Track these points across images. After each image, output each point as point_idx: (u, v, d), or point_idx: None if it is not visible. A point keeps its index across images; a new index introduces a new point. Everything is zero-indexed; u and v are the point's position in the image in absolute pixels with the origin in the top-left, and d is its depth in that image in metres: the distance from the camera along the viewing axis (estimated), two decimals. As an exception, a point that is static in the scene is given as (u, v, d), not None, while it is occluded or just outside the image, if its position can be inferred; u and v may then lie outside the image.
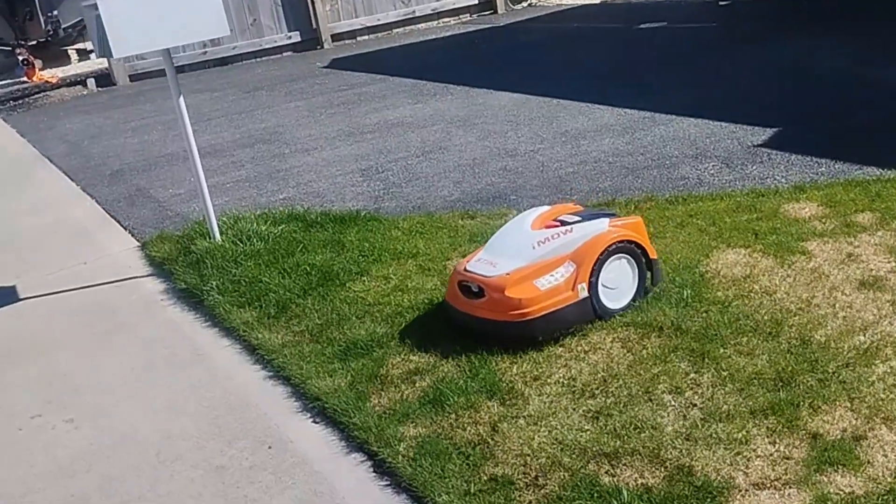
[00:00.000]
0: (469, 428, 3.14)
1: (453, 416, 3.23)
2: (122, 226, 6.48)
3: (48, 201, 7.55)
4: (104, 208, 6.98)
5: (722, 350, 3.36)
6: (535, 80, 9.51)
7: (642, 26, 12.04)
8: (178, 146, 8.83)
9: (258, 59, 14.78)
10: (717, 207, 4.83)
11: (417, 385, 3.50)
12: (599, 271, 3.66)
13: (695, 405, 3.08)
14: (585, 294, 3.63)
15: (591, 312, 3.67)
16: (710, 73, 8.57)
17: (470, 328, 3.75)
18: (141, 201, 7.00)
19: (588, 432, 3.01)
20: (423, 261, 4.74)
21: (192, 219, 6.27)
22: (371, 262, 4.80)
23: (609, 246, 3.69)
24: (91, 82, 13.81)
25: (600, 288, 3.68)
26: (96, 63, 16.50)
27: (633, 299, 3.79)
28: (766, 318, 3.54)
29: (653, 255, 3.85)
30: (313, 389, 3.60)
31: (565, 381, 3.33)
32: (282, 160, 7.70)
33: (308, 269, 4.75)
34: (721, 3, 12.75)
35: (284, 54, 15.62)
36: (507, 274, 3.64)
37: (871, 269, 3.86)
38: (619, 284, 3.76)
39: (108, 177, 7.94)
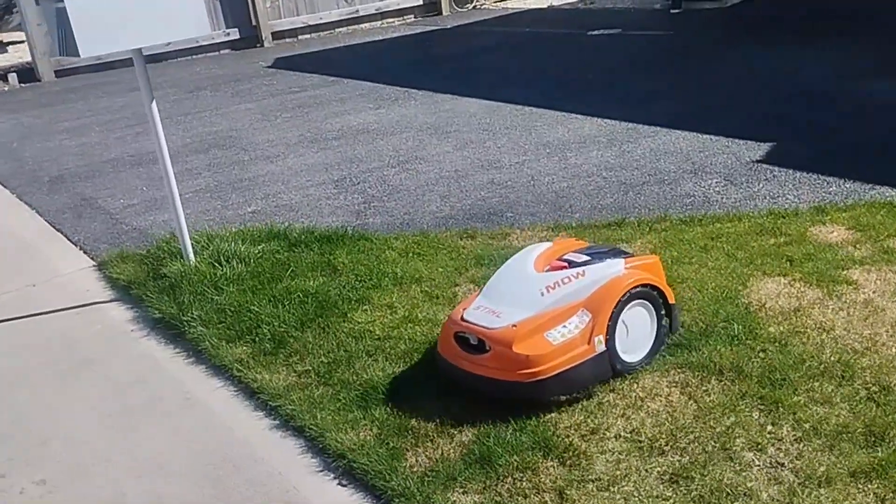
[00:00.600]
0: (532, 496, 2.76)
1: (509, 479, 2.83)
2: (70, 241, 5.85)
3: (-20, 211, 6.83)
4: (47, 220, 6.32)
5: (794, 397, 3.06)
6: (501, 85, 9.17)
7: (595, 32, 11.86)
8: (122, 150, 8.18)
9: (194, 57, 14.06)
10: (737, 230, 4.56)
11: (457, 439, 3.09)
12: (617, 321, 3.25)
13: (782, 465, 2.77)
14: (603, 347, 3.20)
15: (608, 369, 3.25)
16: (685, 84, 8.39)
17: (468, 387, 3.28)
18: (89, 213, 6.36)
19: (671, 501, 2.66)
20: (429, 287, 4.33)
21: (152, 234, 5.70)
22: (370, 288, 4.36)
23: (627, 291, 3.27)
24: (12, 77, 12.87)
25: (618, 339, 3.26)
26: (15, 56, 15.46)
27: (652, 351, 3.39)
28: (832, 359, 3.26)
29: (671, 299, 3.43)
30: (335, 444, 3.14)
31: (628, 436, 2.98)
32: (243, 168, 7.16)
33: (302, 296, 4.28)
34: (673, 10, 12.67)
35: (222, 52, 14.93)
36: (514, 325, 3.18)
37: (923, 302, 3.64)
38: (637, 335, 3.34)
39: (46, 184, 7.25)
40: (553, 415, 3.13)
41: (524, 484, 2.81)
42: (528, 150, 6.68)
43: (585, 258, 3.46)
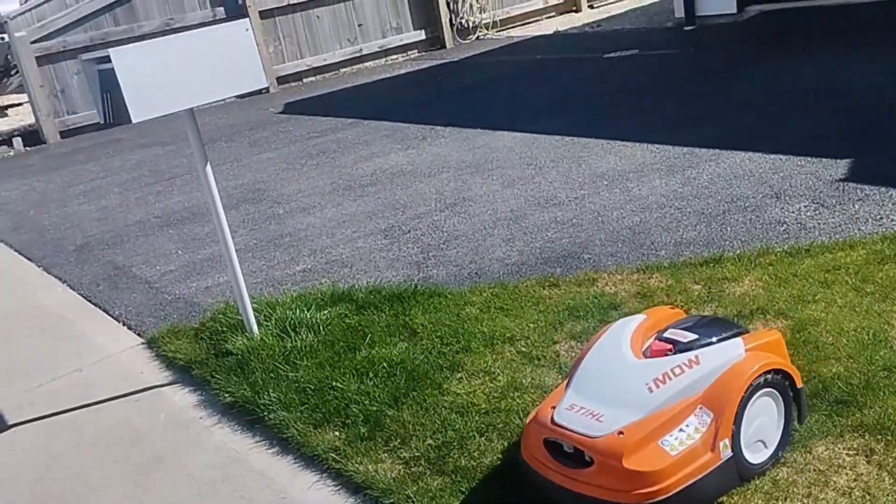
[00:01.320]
0: None
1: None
2: (110, 315, 5.43)
3: (5, 286, 6.42)
4: (81, 293, 5.90)
5: None
6: (530, 116, 8.83)
7: (612, 55, 11.56)
8: (146, 212, 7.79)
9: (200, 107, 13.73)
10: (855, 259, 4.17)
11: (618, 536, 2.66)
12: (742, 418, 2.73)
13: None
14: (729, 453, 2.70)
15: (735, 478, 2.74)
16: (723, 102, 8.05)
17: None
18: (125, 282, 5.95)
19: None
20: (525, 346, 3.92)
21: (199, 304, 5.29)
22: (459, 352, 3.95)
23: (753, 382, 2.75)
24: (17, 141, 12.49)
25: (743, 441, 2.76)
26: (16, 119, 15.14)
27: (778, 448, 2.87)
28: None
29: (799, 383, 2.91)
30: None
31: (824, 521, 2.56)
32: (279, 223, 6.77)
33: (387, 367, 3.86)
34: (686, 27, 12.41)
35: (228, 100, 14.62)
36: (621, 433, 2.65)
37: None
38: (763, 431, 2.83)
39: (72, 253, 6.84)
40: (723, 499, 2.70)
41: (720, 591, 2.38)
42: (585, 184, 6.31)
43: (692, 336, 2.92)
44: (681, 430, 2.67)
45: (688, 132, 7.07)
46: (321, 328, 4.33)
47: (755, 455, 2.80)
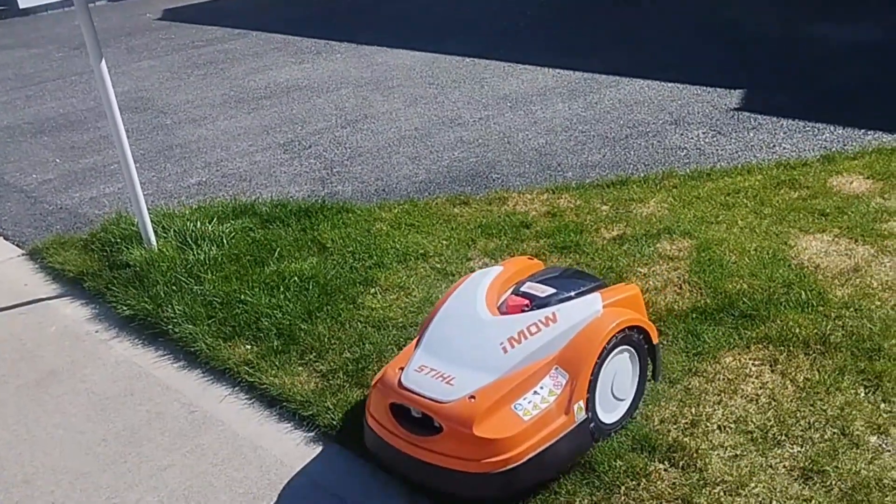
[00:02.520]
0: (658, 508, 2.42)
1: (621, 490, 2.48)
2: (-15, 226, 5.04)
3: None
4: (-52, 202, 5.44)
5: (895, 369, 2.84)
6: (431, 36, 8.67)
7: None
8: (15, 117, 7.23)
9: (66, 10, 12.76)
10: (753, 184, 4.34)
11: (542, 442, 2.70)
12: (598, 378, 2.56)
13: (916, 447, 2.54)
14: (584, 415, 2.51)
15: (589, 441, 2.56)
16: (626, 33, 8.14)
17: (412, 476, 2.54)
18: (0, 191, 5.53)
19: (813, 502, 2.38)
20: (439, 263, 3.90)
21: (85, 215, 4.99)
22: (373, 268, 3.88)
23: (610, 340, 2.57)
24: None
25: (599, 401, 2.58)
26: None
27: (632, 408, 2.72)
28: (916, 323, 3.06)
29: (656, 339, 2.75)
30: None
31: (734, 426, 2.68)
32: (168, 133, 6.42)
33: (298, 281, 3.76)
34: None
35: (98, 3, 13.69)
36: (472, 397, 2.41)
37: (969, 254, 3.51)
38: (617, 389, 2.66)
39: (-65, 159, 6.28)
40: (640, 408, 2.79)
41: (642, 494, 2.47)
42: (489, 105, 6.27)
43: (549, 290, 2.73)
44: (535, 392, 2.46)
45: (588, 59, 7.12)
46: (224, 241, 4.16)
47: (609, 415, 2.64)
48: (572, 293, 2.73)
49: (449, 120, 6.02)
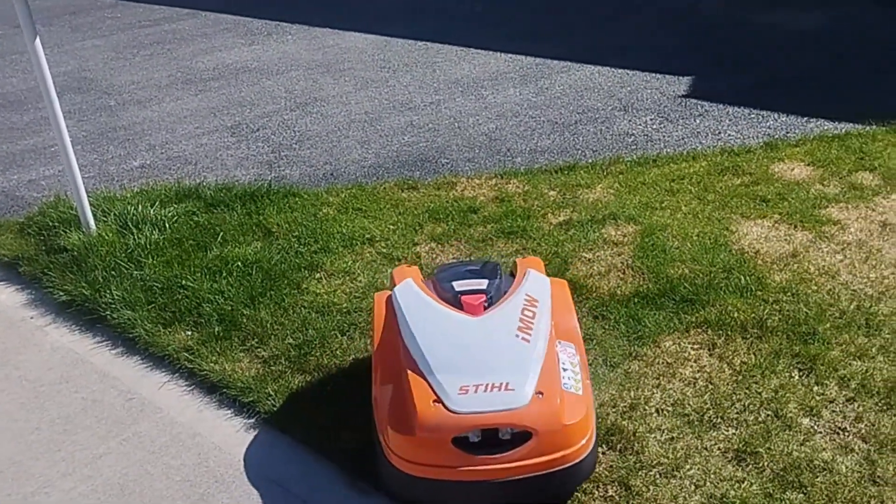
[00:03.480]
0: (595, 491, 2.44)
1: (561, 471, 2.50)
2: (-85, 209, 4.88)
3: None
4: None
5: (829, 353, 2.90)
6: (382, 19, 8.58)
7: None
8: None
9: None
10: (697, 170, 4.38)
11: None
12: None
13: (845, 430, 2.60)
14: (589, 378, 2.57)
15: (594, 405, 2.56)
16: (576, 20, 8.11)
17: (500, 500, 2.36)
18: (-68, 173, 5.35)
19: (747, 484, 2.42)
20: (385, 247, 3.88)
21: (22, 198, 4.86)
22: (318, 252, 3.85)
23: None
24: None
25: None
26: None
27: None
28: (850, 307, 3.13)
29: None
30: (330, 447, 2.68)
31: (671, 409, 2.72)
32: (112, 115, 6.27)
33: (241, 266, 3.71)
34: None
35: (45, -20, 13.29)
36: (539, 394, 2.33)
37: (907, 239, 3.60)
38: None
39: None
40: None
41: (581, 476, 2.48)
42: (440, 89, 6.23)
43: (483, 281, 2.69)
44: (564, 369, 2.45)
45: (540, 45, 7.11)
46: (167, 225, 4.08)
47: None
48: (501, 276, 2.74)
49: (400, 104, 5.98)
